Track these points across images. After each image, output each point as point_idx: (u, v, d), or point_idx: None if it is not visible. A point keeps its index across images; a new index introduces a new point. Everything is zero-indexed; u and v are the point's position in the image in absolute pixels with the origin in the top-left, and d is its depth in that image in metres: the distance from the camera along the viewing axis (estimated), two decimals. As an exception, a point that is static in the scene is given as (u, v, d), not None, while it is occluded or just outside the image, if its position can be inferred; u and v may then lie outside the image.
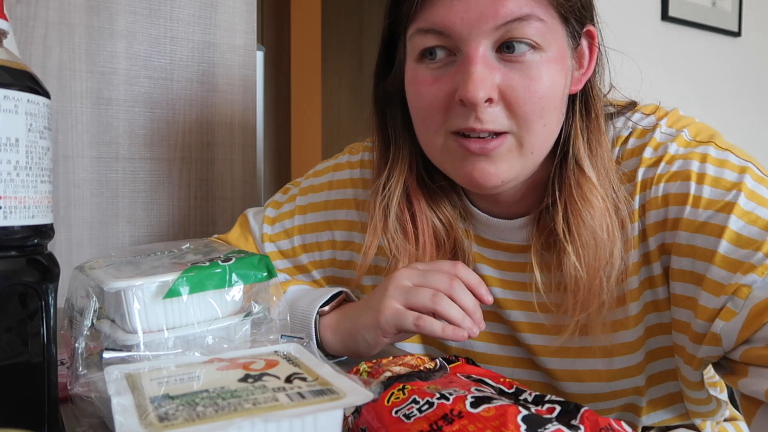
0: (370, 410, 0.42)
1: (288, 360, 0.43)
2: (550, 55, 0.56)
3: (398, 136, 0.68)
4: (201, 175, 1.10)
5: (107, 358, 0.45)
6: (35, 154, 0.40)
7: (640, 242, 0.61)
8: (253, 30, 1.14)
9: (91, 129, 1.00)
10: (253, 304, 0.53)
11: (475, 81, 0.54)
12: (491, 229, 0.69)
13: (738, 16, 2.14)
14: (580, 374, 0.66)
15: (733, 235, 0.53)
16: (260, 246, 0.81)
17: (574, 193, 0.59)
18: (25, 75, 0.40)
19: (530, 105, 0.55)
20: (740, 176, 0.55)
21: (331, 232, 0.78)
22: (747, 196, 0.54)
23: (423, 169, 0.68)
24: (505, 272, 0.69)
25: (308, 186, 0.81)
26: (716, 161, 0.57)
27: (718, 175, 0.56)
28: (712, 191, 0.55)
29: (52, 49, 0.96)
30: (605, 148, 0.61)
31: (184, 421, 0.33)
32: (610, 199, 0.59)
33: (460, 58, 0.56)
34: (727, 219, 0.54)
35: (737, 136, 2.33)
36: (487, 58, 0.55)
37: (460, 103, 0.56)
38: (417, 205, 0.68)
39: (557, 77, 0.57)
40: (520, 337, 0.68)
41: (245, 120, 1.14)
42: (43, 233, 0.41)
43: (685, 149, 0.58)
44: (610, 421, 0.36)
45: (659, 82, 1.95)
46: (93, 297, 0.47)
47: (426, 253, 0.67)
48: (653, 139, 0.60)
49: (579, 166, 0.60)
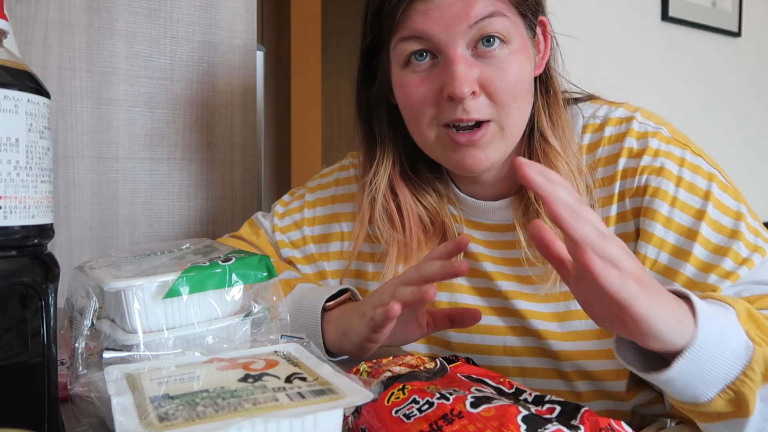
0: (370, 410, 0.42)
1: (288, 360, 0.43)
2: (516, 47, 0.65)
3: (384, 136, 0.76)
4: (201, 175, 1.10)
5: (107, 358, 0.45)
6: (35, 154, 0.40)
7: (617, 222, 0.68)
8: (253, 30, 1.14)
9: (91, 129, 1.00)
10: (253, 304, 0.53)
11: (459, 78, 0.62)
12: (478, 212, 0.77)
13: (738, 16, 2.14)
14: (568, 335, 0.72)
15: (704, 241, 0.62)
16: (271, 237, 0.87)
17: (541, 161, 0.68)
18: (25, 75, 0.40)
19: (506, 92, 0.64)
20: (709, 184, 0.64)
21: (339, 224, 0.84)
22: (715, 206, 0.63)
23: (407, 164, 0.77)
24: (494, 250, 0.76)
25: (316, 185, 0.88)
26: (691, 166, 0.65)
27: (692, 181, 0.64)
28: (688, 196, 0.64)
29: (52, 49, 0.96)
30: (564, 120, 0.70)
31: (184, 421, 0.33)
32: (573, 164, 0.68)
33: (442, 60, 0.64)
34: (699, 225, 0.62)
35: (737, 137, 2.33)
36: (465, 57, 0.63)
37: (449, 98, 0.64)
38: (402, 196, 0.75)
39: (524, 65, 0.66)
40: (511, 305, 0.74)
41: (245, 120, 1.14)
42: (43, 233, 0.41)
43: (666, 146, 0.66)
44: (610, 421, 0.36)
45: (659, 82, 1.95)
46: (93, 297, 0.47)
47: (413, 239, 0.75)
48: (632, 130, 0.68)
49: (544, 137, 0.69)
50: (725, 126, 2.15)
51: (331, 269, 0.84)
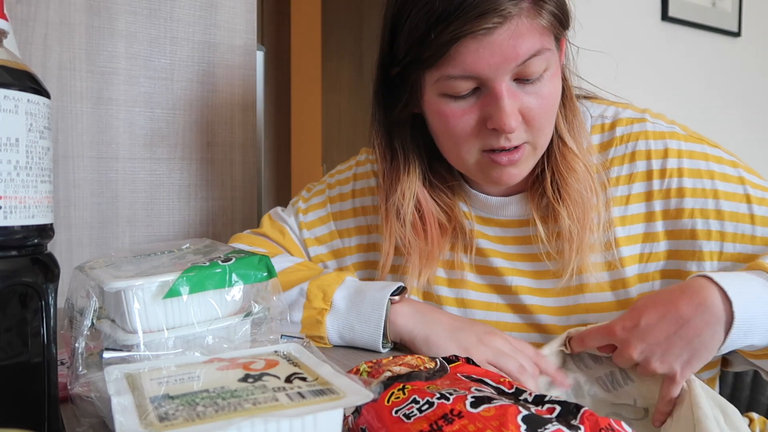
0: (370, 410, 0.42)
1: (288, 360, 0.43)
2: (552, 72, 0.65)
3: (408, 152, 0.75)
4: (201, 175, 1.10)
5: (107, 358, 0.45)
6: (35, 154, 0.40)
7: (643, 221, 0.71)
8: (253, 30, 1.14)
9: (91, 129, 1.00)
10: (253, 304, 0.53)
11: (508, 114, 0.62)
12: (489, 208, 0.78)
13: (738, 16, 2.14)
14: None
15: (760, 219, 0.66)
16: (298, 234, 0.88)
17: (560, 163, 0.70)
18: (25, 75, 0.40)
19: (544, 118, 0.65)
20: (737, 170, 0.68)
21: (364, 218, 0.86)
22: (752, 187, 0.67)
23: (429, 173, 0.77)
24: (507, 246, 0.77)
25: (335, 181, 0.90)
26: (715, 158, 0.69)
27: (723, 171, 0.68)
28: (726, 185, 0.67)
29: (52, 49, 0.96)
30: (580, 121, 0.72)
31: (184, 421, 0.33)
32: (589, 164, 0.70)
33: (486, 92, 0.64)
34: (752, 208, 0.67)
35: (737, 136, 2.33)
36: (511, 90, 0.63)
37: (493, 130, 0.64)
38: (425, 205, 0.76)
39: (558, 85, 0.67)
40: (520, 300, 0.76)
41: (245, 120, 1.14)
42: (43, 233, 0.41)
43: (687, 144, 0.69)
44: (609, 421, 0.36)
45: (659, 82, 1.95)
46: (93, 297, 0.47)
47: (434, 244, 0.76)
48: (647, 131, 0.71)
49: (561, 139, 0.70)
50: (725, 126, 2.15)
51: (352, 262, 0.86)
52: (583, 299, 0.72)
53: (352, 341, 0.71)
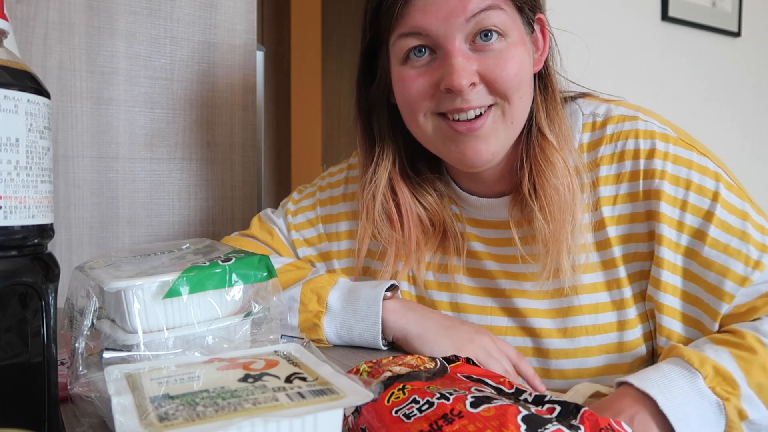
0: (370, 410, 0.42)
1: (288, 360, 0.43)
2: (513, 40, 0.65)
3: (383, 135, 0.76)
4: (201, 175, 1.10)
5: (107, 358, 0.45)
6: (35, 154, 0.40)
7: (630, 222, 0.69)
8: (253, 30, 1.14)
9: (91, 129, 1.00)
10: (253, 304, 0.53)
11: (458, 71, 0.62)
12: (479, 209, 0.77)
13: (738, 16, 2.14)
14: (567, 332, 0.73)
15: (712, 242, 0.64)
16: (287, 235, 0.87)
17: (538, 155, 0.69)
18: (25, 75, 0.40)
19: (507, 82, 0.65)
20: (716, 184, 0.65)
21: (355, 222, 0.84)
22: (723, 206, 0.64)
23: (407, 164, 0.77)
24: (493, 247, 0.77)
25: (326, 183, 0.89)
26: (699, 168, 0.66)
27: (701, 183, 0.65)
28: (697, 198, 0.65)
29: (52, 49, 0.96)
30: (562, 117, 0.71)
31: (184, 421, 0.33)
32: (570, 160, 0.69)
33: (441, 55, 0.65)
34: (708, 227, 0.64)
35: (737, 136, 2.33)
36: (463, 50, 0.64)
37: (447, 91, 0.64)
38: (401, 195, 0.76)
39: (523, 57, 0.66)
40: (512, 303, 0.75)
41: (245, 120, 1.14)
42: (43, 233, 0.41)
43: (675, 148, 0.67)
44: (609, 421, 0.36)
45: (659, 82, 1.95)
46: (93, 297, 0.47)
47: (411, 239, 0.76)
48: (638, 130, 0.69)
49: (541, 132, 0.70)
50: (725, 126, 2.15)
51: (341, 267, 0.85)
52: (578, 300, 0.71)
53: (351, 341, 0.71)
